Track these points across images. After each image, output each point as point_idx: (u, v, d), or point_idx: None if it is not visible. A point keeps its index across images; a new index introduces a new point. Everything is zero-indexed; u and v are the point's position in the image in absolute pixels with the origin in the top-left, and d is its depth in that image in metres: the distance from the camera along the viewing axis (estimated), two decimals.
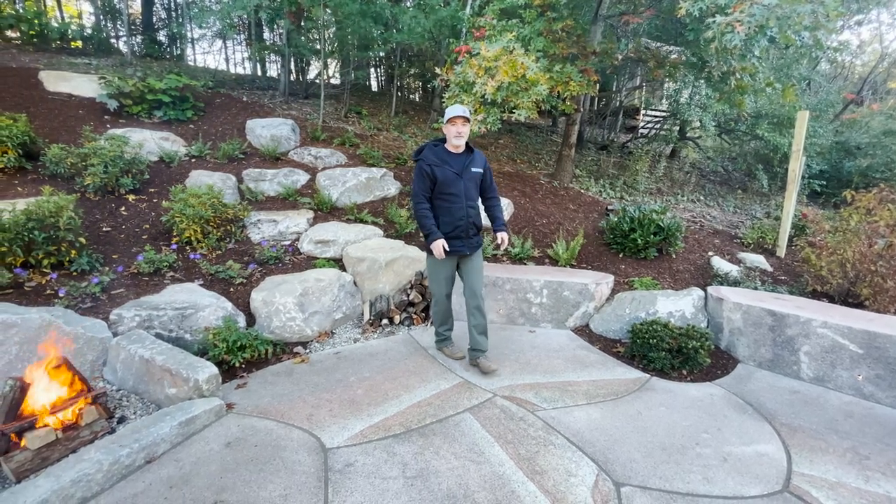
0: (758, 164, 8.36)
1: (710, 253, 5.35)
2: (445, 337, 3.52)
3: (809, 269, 4.56)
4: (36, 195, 4.00)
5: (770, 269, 5.09)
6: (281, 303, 3.51)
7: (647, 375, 3.32)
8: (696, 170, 9.54)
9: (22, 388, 2.22)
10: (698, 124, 8.01)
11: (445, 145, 3.11)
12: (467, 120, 3.05)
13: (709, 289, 4.12)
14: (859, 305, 4.12)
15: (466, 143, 3.16)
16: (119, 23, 11.07)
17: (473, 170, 3.15)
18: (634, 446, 2.51)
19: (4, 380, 2.24)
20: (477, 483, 2.16)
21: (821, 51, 4.80)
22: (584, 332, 4.01)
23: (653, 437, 2.59)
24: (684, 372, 3.40)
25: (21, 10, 9.33)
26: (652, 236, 4.94)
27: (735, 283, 4.52)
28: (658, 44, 7.62)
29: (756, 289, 4.43)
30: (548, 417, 2.72)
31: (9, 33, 8.71)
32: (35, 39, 8.14)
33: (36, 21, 8.18)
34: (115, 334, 2.95)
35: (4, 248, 3.24)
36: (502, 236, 3.21)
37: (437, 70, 5.35)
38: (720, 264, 4.93)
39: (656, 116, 12.06)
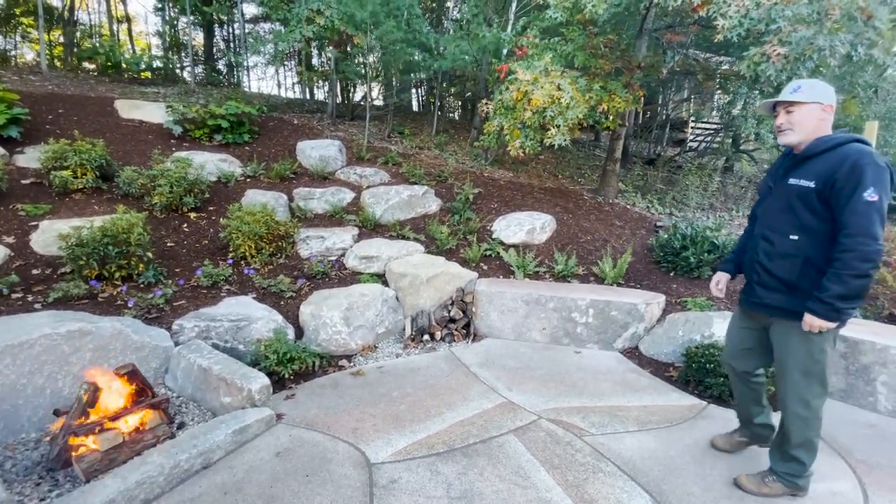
0: None
1: None
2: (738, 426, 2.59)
3: (885, 290, 4.18)
4: (110, 213, 4.35)
5: None
6: (328, 316, 3.61)
7: (704, 402, 3.14)
8: (752, 184, 9.06)
9: (95, 392, 2.38)
10: (753, 137, 7.63)
11: None
12: (791, 105, 1.97)
13: None
14: None
15: (827, 140, 1.92)
16: (183, 54, 12.03)
17: (793, 181, 1.98)
18: (692, 478, 2.36)
19: (79, 384, 2.42)
20: None
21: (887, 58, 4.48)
22: (633, 354, 3.86)
23: (712, 470, 2.43)
24: None
25: (98, 45, 10.35)
26: (706, 254, 4.71)
27: None
28: (707, 55, 7.38)
29: None
30: (596, 443, 2.62)
31: (87, 65, 9.67)
32: (110, 70, 8.97)
33: (111, 54, 9.02)
34: (176, 343, 3.13)
35: (82, 262, 3.54)
36: (805, 319, 1.92)
37: (483, 86, 5.43)
38: None
39: (706, 129, 11.62)
